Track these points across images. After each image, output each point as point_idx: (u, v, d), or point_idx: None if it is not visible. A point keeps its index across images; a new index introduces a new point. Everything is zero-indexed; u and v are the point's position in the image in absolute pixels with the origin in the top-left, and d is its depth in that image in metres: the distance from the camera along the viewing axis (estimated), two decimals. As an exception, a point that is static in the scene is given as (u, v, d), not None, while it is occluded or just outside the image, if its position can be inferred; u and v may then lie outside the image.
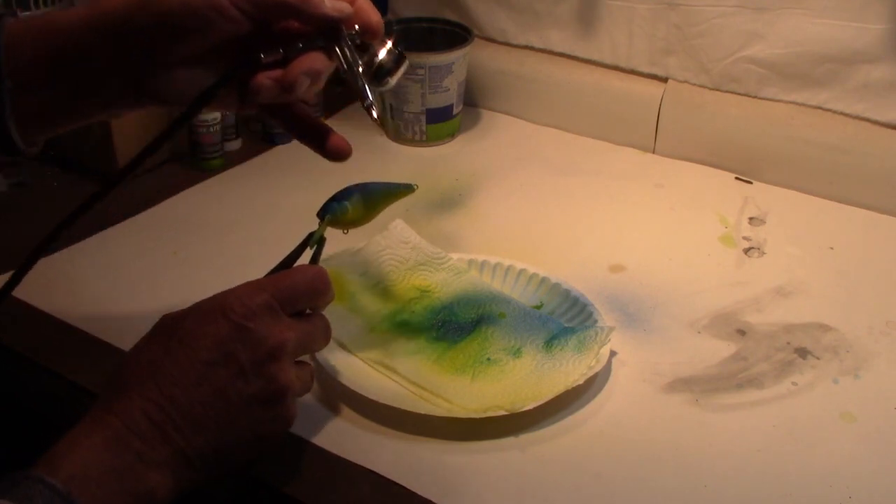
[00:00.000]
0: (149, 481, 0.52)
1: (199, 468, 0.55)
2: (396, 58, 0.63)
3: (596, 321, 0.74)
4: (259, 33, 0.58)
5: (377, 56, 0.62)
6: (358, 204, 0.68)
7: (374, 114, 0.63)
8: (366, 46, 0.62)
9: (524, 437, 0.66)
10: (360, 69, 0.61)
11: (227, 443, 0.56)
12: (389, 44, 0.63)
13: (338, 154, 0.65)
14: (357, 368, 0.71)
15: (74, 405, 0.72)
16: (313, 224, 0.66)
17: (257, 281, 0.59)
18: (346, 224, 0.68)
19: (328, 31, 0.59)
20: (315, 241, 0.65)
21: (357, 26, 0.60)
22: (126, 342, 0.73)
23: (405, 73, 0.64)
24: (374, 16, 0.61)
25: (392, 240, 0.80)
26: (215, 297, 0.57)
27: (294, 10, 0.58)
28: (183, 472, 0.54)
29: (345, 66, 0.61)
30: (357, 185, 0.69)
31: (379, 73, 0.62)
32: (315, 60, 0.59)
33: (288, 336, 0.57)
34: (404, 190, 0.72)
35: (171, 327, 0.57)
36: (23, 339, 0.74)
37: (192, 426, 0.54)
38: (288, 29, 0.60)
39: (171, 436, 0.53)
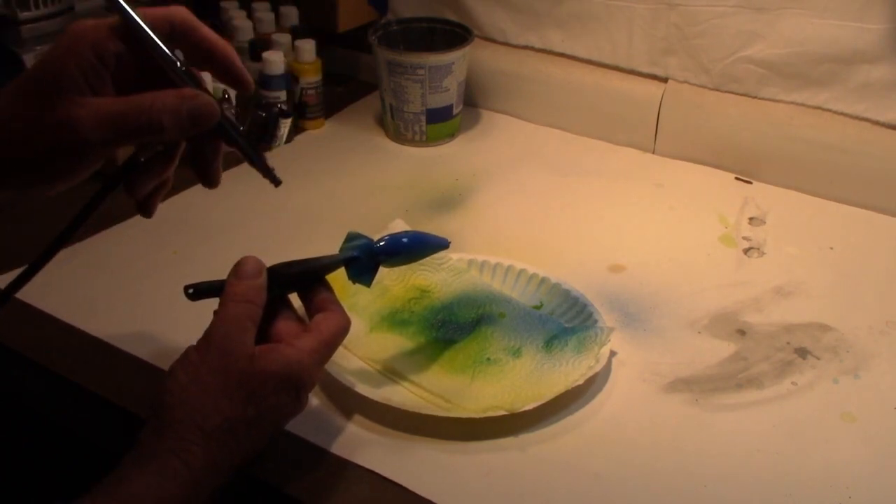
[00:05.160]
0: None
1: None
2: (279, 113, 0.63)
3: (596, 321, 0.74)
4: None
5: (260, 116, 0.62)
6: (402, 258, 0.68)
7: (270, 171, 0.64)
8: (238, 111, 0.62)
9: (524, 437, 0.66)
10: (246, 133, 0.62)
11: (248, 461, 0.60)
12: (277, 105, 0.64)
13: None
14: (357, 368, 0.71)
15: (75, 405, 0.72)
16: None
17: (325, 347, 0.61)
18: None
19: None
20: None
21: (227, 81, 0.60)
22: (126, 342, 0.74)
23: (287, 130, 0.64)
24: (243, 70, 0.61)
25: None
26: (291, 362, 0.59)
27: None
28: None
29: (231, 136, 0.61)
30: (407, 240, 0.67)
31: (265, 135, 0.63)
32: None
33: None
34: (443, 247, 0.70)
35: (251, 386, 0.58)
36: (23, 340, 0.74)
37: (228, 466, 0.57)
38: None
39: (215, 482, 0.56)
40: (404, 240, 0.67)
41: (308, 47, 1.06)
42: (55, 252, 0.61)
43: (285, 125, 0.63)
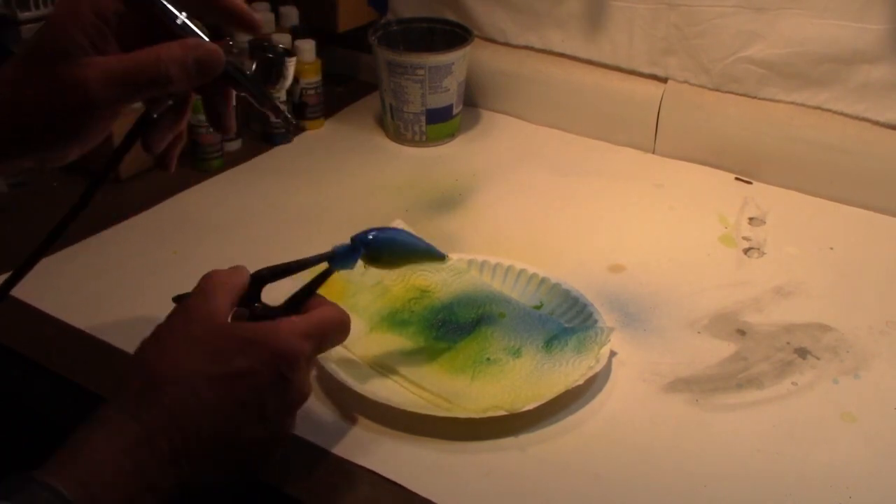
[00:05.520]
0: (153, 500, 0.52)
1: (198, 488, 0.55)
2: (284, 52, 0.63)
3: (596, 321, 0.74)
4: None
5: (266, 57, 0.63)
6: (391, 259, 0.67)
7: (281, 112, 0.64)
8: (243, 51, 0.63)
9: (524, 437, 0.66)
10: (252, 75, 0.62)
11: (229, 470, 0.56)
12: (280, 45, 0.64)
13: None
14: (357, 368, 0.71)
15: (75, 405, 0.72)
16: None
17: (306, 324, 0.59)
18: (370, 265, 0.67)
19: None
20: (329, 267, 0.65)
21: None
22: (126, 342, 0.74)
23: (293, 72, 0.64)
24: (249, 12, 0.61)
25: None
26: (267, 331, 0.57)
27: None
28: (183, 495, 0.54)
29: (239, 81, 0.62)
30: (399, 236, 0.67)
31: (272, 77, 0.63)
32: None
33: (310, 387, 0.60)
34: (437, 257, 0.70)
35: (219, 348, 0.56)
36: (23, 340, 0.74)
37: (202, 461, 0.54)
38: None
39: (180, 461, 0.53)
40: (388, 232, 0.67)
41: (308, 47, 1.06)
42: (73, 219, 0.61)
43: (291, 64, 0.63)
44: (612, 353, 0.73)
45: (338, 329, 0.62)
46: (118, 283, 0.82)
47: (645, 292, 0.82)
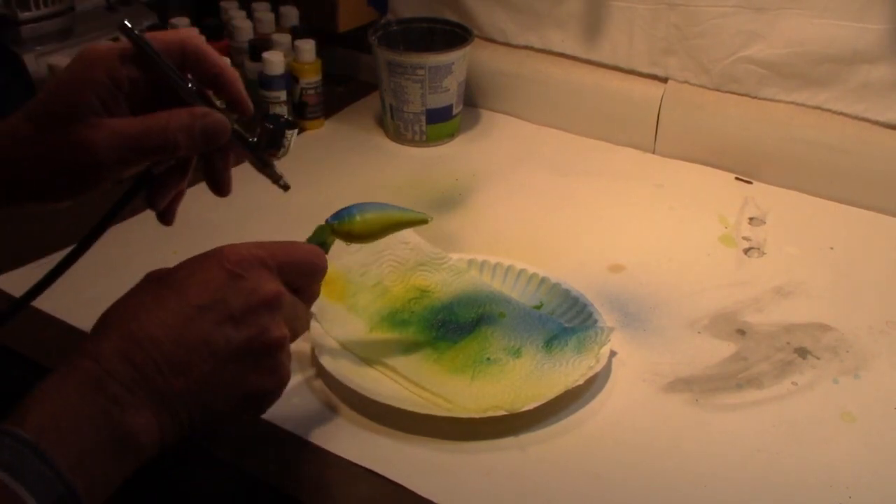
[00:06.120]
0: (127, 425, 0.49)
1: (181, 415, 0.52)
2: (286, 124, 0.66)
3: (596, 321, 0.74)
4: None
5: (268, 128, 0.65)
6: (368, 218, 0.67)
7: (280, 178, 0.68)
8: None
9: (524, 437, 0.66)
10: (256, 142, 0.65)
11: (212, 393, 0.53)
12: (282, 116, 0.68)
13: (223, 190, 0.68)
14: (357, 368, 0.71)
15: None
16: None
17: (257, 241, 0.58)
18: (351, 237, 0.67)
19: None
20: (315, 241, 0.65)
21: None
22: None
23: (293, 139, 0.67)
24: (246, 98, 0.63)
25: (392, 240, 0.80)
26: (211, 249, 0.57)
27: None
28: (164, 417, 0.51)
29: (242, 147, 0.65)
30: (372, 203, 0.69)
31: (273, 145, 0.66)
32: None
33: (282, 291, 0.56)
34: (418, 218, 0.70)
35: (161, 277, 0.55)
36: (23, 340, 0.74)
37: (173, 368, 0.51)
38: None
39: (149, 376, 0.51)
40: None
41: (308, 47, 1.06)
42: (70, 264, 0.63)
43: (292, 135, 0.66)
44: (612, 353, 0.73)
45: (306, 256, 0.60)
46: (118, 284, 0.81)
47: (645, 292, 0.82)
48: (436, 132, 1.07)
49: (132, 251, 0.86)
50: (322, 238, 0.66)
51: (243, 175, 1.05)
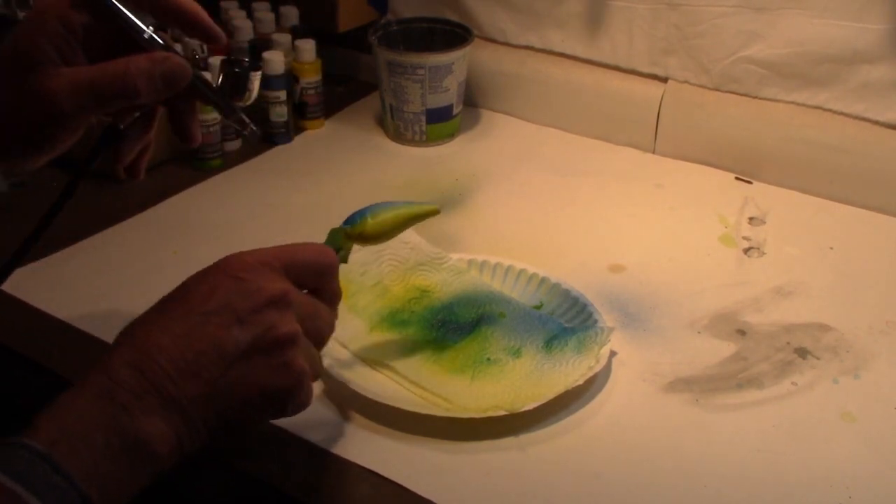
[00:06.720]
0: (137, 431, 0.49)
1: (196, 421, 0.52)
2: (250, 66, 0.64)
3: (596, 321, 0.74)
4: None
5: (232, 70, 0.64)
6: (379, 219, 0.66)
7: (247, 124, 0.66)
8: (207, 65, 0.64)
9: (524, 437, 0.66)
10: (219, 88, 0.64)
11: (226, 395, 0.53)
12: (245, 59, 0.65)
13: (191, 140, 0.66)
14: (357, 368, 0.71)
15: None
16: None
17: (261, 248, 0.58)
18: (365, 238, 0.66)
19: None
20: (329, 246, 0.64)
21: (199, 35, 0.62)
22: (126, 342, 0.74)
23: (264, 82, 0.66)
24: (213, 25, 0.62)
25: (392, 240, 0.80)
26: (215, 262, 0.57)
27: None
28: (178, 424, 0.51)
29: (205, 93, 0.63)
30: (381, 203, 0.68)
31: (238, 90, 0.64)
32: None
33: (289, 288, 0.56)
34: (428, 210, 0.69)
35: (170, 294, 0.56)
36: (23, 340, 0.74)
37: (183, 374, 0.51)
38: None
39: (159, 384, 0.50)
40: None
41: (308, 47, 1.06)
42: (48, 224, 0.62)
43: (256, 78, 0.64)
44: (612, 353, 0.73)
45: (313, 255, 0.59)
46: (118, 283, 0.82)
47: (645, 292, 0.82)
48: (436, 132, 1.07)
49: (132, 251, 0.86)
50: (336, 243, 0.65)
51: (243, 175, 1.06)
